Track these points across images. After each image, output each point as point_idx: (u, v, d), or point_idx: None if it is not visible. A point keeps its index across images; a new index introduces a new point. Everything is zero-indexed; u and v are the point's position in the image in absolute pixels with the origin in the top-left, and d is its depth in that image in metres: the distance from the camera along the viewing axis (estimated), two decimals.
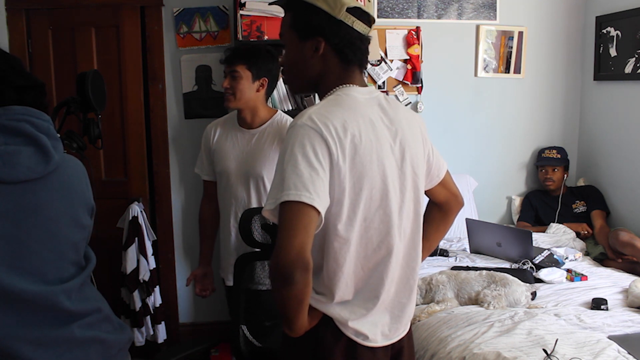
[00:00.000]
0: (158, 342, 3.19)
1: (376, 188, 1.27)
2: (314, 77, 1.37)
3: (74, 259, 1.28)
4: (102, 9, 3.20)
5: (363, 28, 1.34)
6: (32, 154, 1.18)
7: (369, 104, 1.33)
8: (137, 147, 3.29)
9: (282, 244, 1.12)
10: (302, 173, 1.15)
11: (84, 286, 1.29)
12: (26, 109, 1.21)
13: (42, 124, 1.22)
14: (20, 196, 1.17)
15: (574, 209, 3.45)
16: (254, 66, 2.35)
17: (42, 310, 1.18)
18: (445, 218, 1.59)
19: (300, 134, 1.20)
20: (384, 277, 1.32)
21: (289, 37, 1.37)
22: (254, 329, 1.92)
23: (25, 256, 1.17)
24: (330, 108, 1.26)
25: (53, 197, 1.23)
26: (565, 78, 3.68)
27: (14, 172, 1.15)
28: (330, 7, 1.31)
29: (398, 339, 1.40)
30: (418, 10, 3.47)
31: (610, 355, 1.91)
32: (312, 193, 1.14)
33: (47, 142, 1.21)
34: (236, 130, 2.47)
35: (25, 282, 1.15)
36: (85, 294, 1.28)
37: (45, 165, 1.20)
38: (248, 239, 1.84)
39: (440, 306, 2.39)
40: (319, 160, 1.18)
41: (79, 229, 1.30)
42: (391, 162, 1.31)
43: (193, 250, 3.37)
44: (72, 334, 1.21)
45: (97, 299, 1.32)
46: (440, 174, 1.52)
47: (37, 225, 1.19)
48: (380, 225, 1.29)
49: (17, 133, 1.18)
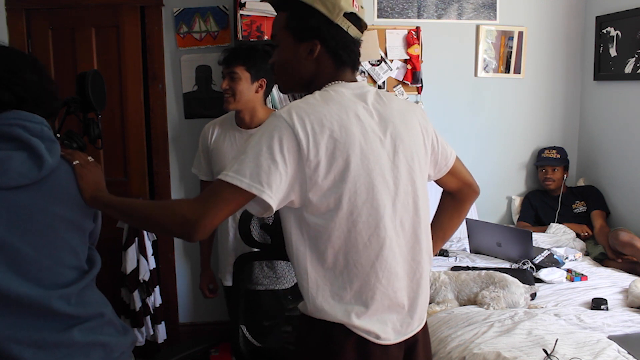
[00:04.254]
0: (158, 342, 3.19)
1: (360, 181, 1.27)
2: (307, 78, 1.37)
3: (73, 263, 1.26)
4: (102, 9, 3.20)
5: (356, 33, 1.36)
6: (25, 160, 1.16)
7: (356, 99, 1.33)
8: (137, 147, 3.29)
9: (208, 212, 1.19)
10: (261, 164, 1.20)
11: (85, 290, 1.27)
12: (18, 113, 1.18)
13: (34, 127, 1.19)
14: (13, 202, 1.16)
15: (574, 209, 3.45)
16: (252, 67, 2.35)
17: (41, 314, 1.17)
18: (459, 207, 1.59)
19: (273, 125, 1.23)
20: (379, 273, 1.30)
21: (283, 37, 1.36)
22: (254, 329, 1.91)
23: (20, 262, 1.16)
24: (312, 103, 1.28)
25: (49, 202, 1.21)
26: (565, 78, 3.68)
27: (5, 178, 1.14)
28: (328, 11, 1.31)
29: (412, 335, 1.38)
30: (418, 10, 3.47)
31: (610, 355, 1.91)
32: (263, 185, 1.19)
33: (40, 145, 1.18)
34: (234, 130, 2.46)
35: (21, 287, 1.14)
36: (87, 298, 1.26)
37: (38, 171, 1.18)
38: (247, 239, 1.84)
39: (440, 307, 2.39)
40: (282, 154, 1.21)
41: (78, 233, 1.28)
42: (381, 155, 1.30)
43: (193, 250, 3.37)
44: (72, 338, 1.20)
45: (99, 303, 1.30)
46: (449, 163, 1.52)
47: (32, 231, 1.18)
48: (368, 218, 1.28)
49: (8, 138, 1.16)
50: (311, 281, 1.30)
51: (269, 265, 2.34)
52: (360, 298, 1.30)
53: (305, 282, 1.31)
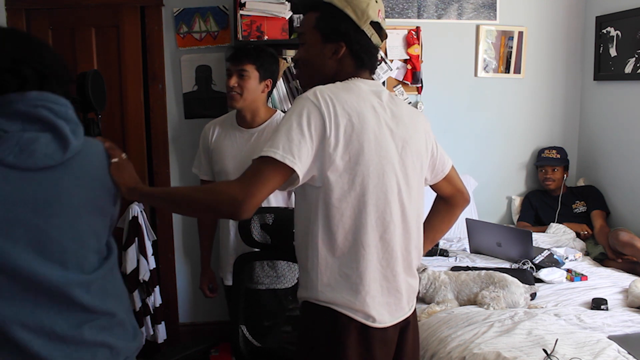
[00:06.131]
0: (158, 342, 3.19)
1: (373, 166, 1.37)
2: (329, 75, 1.46)
3: (95, 247, 1.26)
4: (102, 9, 3.20)
5: (377, 41, 1.47)
6: (50, 141, 1.16)
7: (373, 94, 1.44)
8: (137, 147, 3.29)
9: (254, 190, 1.27)
10: (292, 138, 1.30)
11: (107, 278, 1.27)
12: (42, 94, 1.18)
13: (59, 109, 1.19)
14: (40, 184, 1.15)
15: (574, 209, 3.45)
16: (261, 67, 2.35)
17: (58, 301, 1.16)
18: (450, 211, 1.70)
19: (301, 105, 1.35)
20: (381, 255, 1.40)
21: (311, 36, 1.47)
22: (254, 329, 1.92)
23: (46, 244, 1.16)
24: (335, 90, 1.39)
25: (74, 185, 1.21)
26: (565, 78, 3.68)
27: (32, 159, 1.13)
28: (357, 17, 1.42)
29: (404, 318, 1.48)
30: (418, 10, 3.47)
31: (610, 355, 1.91)
32: (295, 157, 1.29)
33: (65, 127, 1.18)
34: (235, 130, 2.46)
35: (46, 269, 1.14)
36: (106, 290, 1.25)
37: (62, 152, 1.17)
38: (247, 239, 1.84)
39: (440, 307, 2.39)
40: (310, 131, 1.32)
41: (101, 216, 1.28)
42: (390, 147, 1.41)
43: (193, 250, 3.37)
44: (81, 336, 1.19)
45: (116, 300, 1.29)
46: (445, 170, 1.63)
47: (58, 213, 1.18)
48: (377, 202, 1.39)
49: (34, 119, 1.15)
50: (321, 258, 1.38)
51: (270, 264, 2.34)
52: (364, 278, 1.38)
53: (316, 259, 1.38)
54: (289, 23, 3.02)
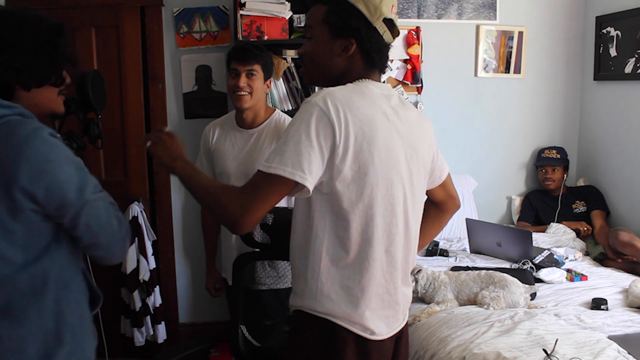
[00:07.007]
0: (158, 342, 3.19)
1: (381, 177, 1.30)
2: (336, 73, 1.38)
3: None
4: (102, 9, 3.20)
5: (389, 39, 1.38)
6: None
7: (384, 98, 1.36)
8: (137, 147, 3.29)
9: (254, 206, 1.23)
10: (301, 152, 1.22)
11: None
12: None
13: None
14: None
15: (574, 209, 3.45)
16: (265, 67, 2.35)
17: None
18: (441, 216, 1.66)
19: (310, 113, 1.25)
20: (385, 268, 1.35)
21: (319, 30, 1.37)
22: (253, 329, 1.91)
23: None
24: (346, 94, 1.29)
25: None
26: (565, 78, 3.68)
27: None
28: (370, 13, 1.33)
29: (400, 329, 1.45)
30: (418, 10, 3.47)
31: (610, 355, 1.91)
32: (305, 172, 1.22)
33: None
34: (235, 131, 2.46)
35: None
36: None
37: None
38: (247, 239, 1.84)
39: (440, 307, 2.39)
40: (319, 141, 1.23)
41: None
42: (399, 156, 1.34)
43: (193, 250, 3.37)
44: None
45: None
46: (442, 176, 1.58)
47: None
48: (384, 213, 1.32)
49: None
50: (324, 268, 1.32)
51: (271, 264, 2.34)
52: (366, 292, 1.33)
53: (317, 268, 1.33)
54: (289, 23, 3.02)
